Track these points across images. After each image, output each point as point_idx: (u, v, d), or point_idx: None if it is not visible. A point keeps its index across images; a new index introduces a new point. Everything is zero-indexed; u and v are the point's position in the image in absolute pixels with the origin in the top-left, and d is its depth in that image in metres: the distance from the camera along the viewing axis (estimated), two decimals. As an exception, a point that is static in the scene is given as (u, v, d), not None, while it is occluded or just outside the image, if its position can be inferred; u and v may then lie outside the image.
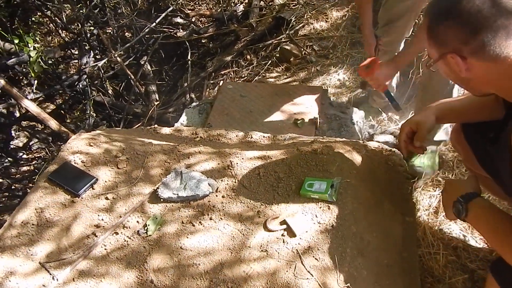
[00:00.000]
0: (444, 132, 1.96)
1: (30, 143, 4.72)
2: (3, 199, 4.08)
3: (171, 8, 4.03)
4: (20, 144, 4.68)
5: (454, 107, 1.40)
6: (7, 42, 2.96)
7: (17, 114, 4.09)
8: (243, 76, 3.86)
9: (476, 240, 1.69)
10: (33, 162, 4.53)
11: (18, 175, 4.28)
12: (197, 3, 4.78)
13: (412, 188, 1.61)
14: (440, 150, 2.07)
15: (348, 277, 1.21)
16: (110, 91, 3.81)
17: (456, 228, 1.74)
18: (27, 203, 1.51)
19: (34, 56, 2.11)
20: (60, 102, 4.62)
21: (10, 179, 3.88)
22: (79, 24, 3.95)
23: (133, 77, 4.10)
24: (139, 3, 4.63)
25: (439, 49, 1.04)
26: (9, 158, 4.13)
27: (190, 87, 4.10)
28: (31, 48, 2.11)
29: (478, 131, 1.36)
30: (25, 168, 4.46)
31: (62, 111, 4.58)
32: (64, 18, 3.26)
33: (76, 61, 4.71)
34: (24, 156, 4.59)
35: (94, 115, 3.47)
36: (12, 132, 4.46)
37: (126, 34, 5.04)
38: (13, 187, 3.94)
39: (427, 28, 1.05)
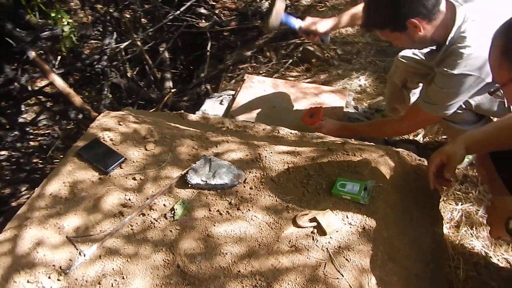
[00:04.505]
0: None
1: (38, 119, 4.70)
2: (7, 172, 4.06)
3: (196, -2, 4.02)
4: (29, 119, 4.66)
5: (483, 137, 1.39)
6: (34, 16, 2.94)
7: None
8: (261, 72, 3.84)
9: (498, 258, 1.68)
10: (38, 138, 4.51)
11: (23, 149, 4.26)
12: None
13: (440, 199, 1.60)
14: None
15: (379, 281, 1.20)
16: (129, 74, 3.79)
17: (478, 244, 1.73)
18: (56, 175, 1.50)
19: (68, 31, 2.09)
20: (72, 81, 4.61)
21: (20, 152, 3.86)
22: (104, 5, 3.95)
23: (150, 62, 4.09)
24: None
25: None
26: (15, 133, 4.11)
27: (206, 78, 4.09)
28: (65, 23, 2.10)
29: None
30: (30, 143, 4.45)
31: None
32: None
33: (93, 42, 4.70)
34: (31, 131, 4.58)
35: (111, 96, 3.46)
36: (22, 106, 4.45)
37: (144, 20, 5.02)
38: (21, 161, 3.92)
39: (503, 48, 1.03)
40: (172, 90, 3.64)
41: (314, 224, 1.33)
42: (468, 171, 2.05)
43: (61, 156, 3.64)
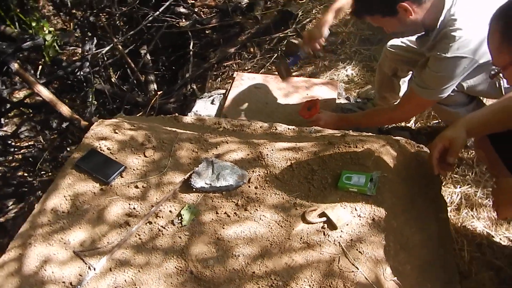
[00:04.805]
0: None
1: (19, 131, 4.58)
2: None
3: (175, -3, 3.96)
4: (9, 131, 4.54)
5: (482, 120, 1.40)
6: (8, 26, 2.84)
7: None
8: (246, 68, 3.82)
9: (500, 237, 1.72)
10: (21, 151, 4.40)
11: (7, 163, 4.15)
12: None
13: (441, 184, 1.61)
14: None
15: (393, 271, 1.21)
16: (113, 79, 3.71)
17: (479, 225, 1.76)
18: (56, 190, 1.46)
19: (50, 40, 2.03)
20: (52, 90, 4.50)
21: (4, 166, 3.76)
22: (77, 10, 3.86)
23: (133, 66, 4.02)
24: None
25: None
26: (-1, 146, 4.00)
27: (191, 78, 4.04)
28: (46, 32, 2.03)
29: (510, 138, 1.38)
30: (15, 157, 4.33)
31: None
32: (69, 3, 3.15)
33: (70, 48, 4.59)
34: (13, 143, 4.46)
35: (96, 103, 3.39)
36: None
37: (121, 23, 4.92)
38: (7, 175, 3.81)
39: (500, 32, 1.03)
40: (159, 93, 3.58)
41: (324, 219, 1.33)
42: (463, 154, 2.08)
43: (50, 167, 3.57)
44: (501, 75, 1.17)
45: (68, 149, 3.75)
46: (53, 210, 1.41)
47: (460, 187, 1.93)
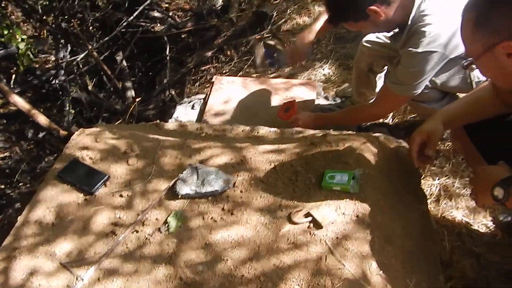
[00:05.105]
0: None
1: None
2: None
3: (148, 1, 3.92)
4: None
5: (457, 113, 1.45)
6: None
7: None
8: (224, 71, 3.82)
9: (478, 225, 1.78)
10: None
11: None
12: (174, -4, 4.68)
13: (421, 177, 1.66)
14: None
15: (379, 265, 1.24)
16: (90, 87, 3.65)
17: (458, 215, 1.82)
18: (38, 202, 1.44)
19: (23, 48, 1.99)
20: (26, 100, 4.40)
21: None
22: (47, 16, 3.78)
23: (109, 73, 3.97)
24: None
25: (488, 40, 1.04)
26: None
27: (169, 83, 4.02)
28: (19, 40, 1.99)
29: (485, 128, 1.43)
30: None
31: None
32: (40, 9, 3.08)
33: (42, 56, 4.50)
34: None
35: (73, 111, 3.33)
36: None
37: (92, 29, 4.85)
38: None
39: (474, 22, 1.06)
40: (137, 99, 3.55)
41: (309, 219, 1.35)
42: (440, 146, 2.14)
43: (29, 179, 3.49)
44: (473, 66, 1.20)
45: (47, 159, 3.68)
46: (37, 222, 1.39)
47: (438, 179, 1.99)
